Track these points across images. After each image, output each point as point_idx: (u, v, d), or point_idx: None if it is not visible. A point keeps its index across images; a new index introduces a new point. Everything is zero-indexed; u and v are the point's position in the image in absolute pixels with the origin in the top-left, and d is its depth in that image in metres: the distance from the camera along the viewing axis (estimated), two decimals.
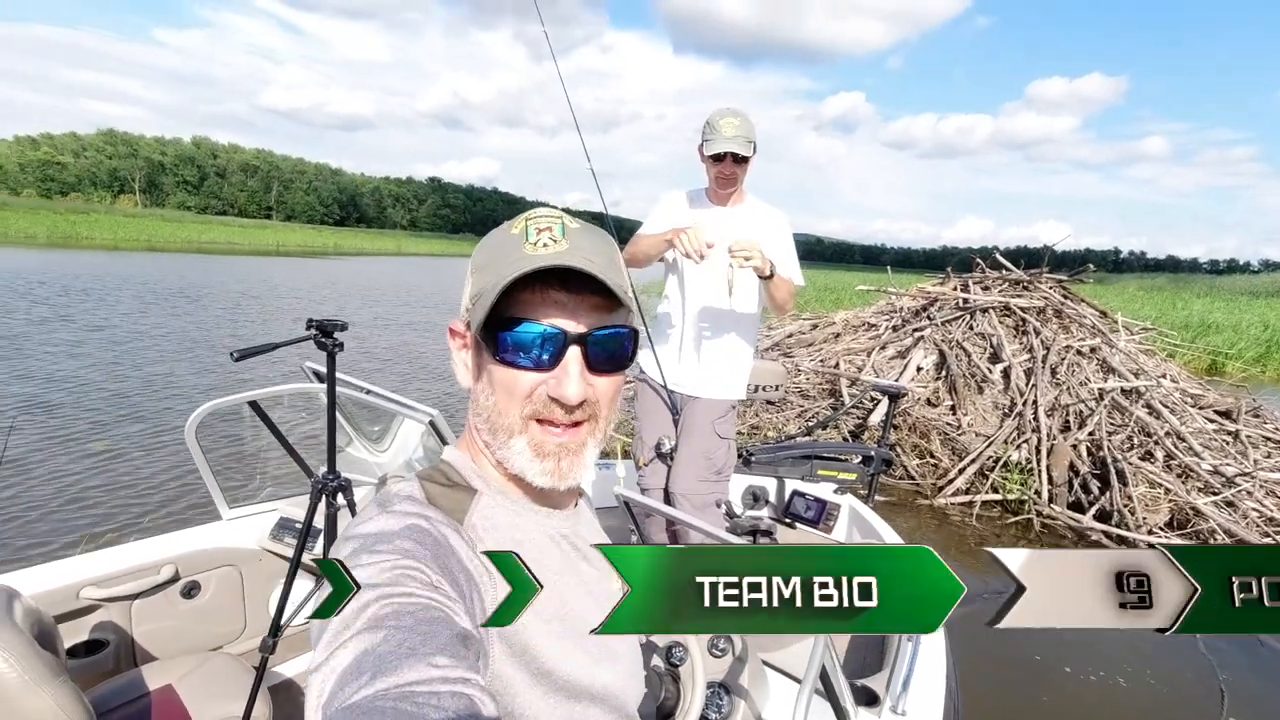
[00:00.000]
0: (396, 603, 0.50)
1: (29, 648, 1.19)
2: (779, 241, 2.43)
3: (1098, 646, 3.67)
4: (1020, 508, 5.32)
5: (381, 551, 0.56)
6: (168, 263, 26.28)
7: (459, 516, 0.67)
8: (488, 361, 0.67)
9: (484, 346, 0.67)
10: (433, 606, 0.52)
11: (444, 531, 0.63)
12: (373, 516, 0.62)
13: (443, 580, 0.56)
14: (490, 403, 0.68)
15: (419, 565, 0.55)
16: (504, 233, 0.69)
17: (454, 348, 0.72)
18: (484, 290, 0.65)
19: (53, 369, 7.82)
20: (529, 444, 0.67)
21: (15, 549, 3.82)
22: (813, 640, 1.20)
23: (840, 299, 16.79)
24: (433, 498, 0.67)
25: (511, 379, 0.66)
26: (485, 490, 0.70)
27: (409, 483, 0.69)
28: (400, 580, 0.53)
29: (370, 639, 0.47)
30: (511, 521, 0.70)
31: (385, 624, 0.48)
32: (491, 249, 0.68)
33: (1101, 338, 6.76)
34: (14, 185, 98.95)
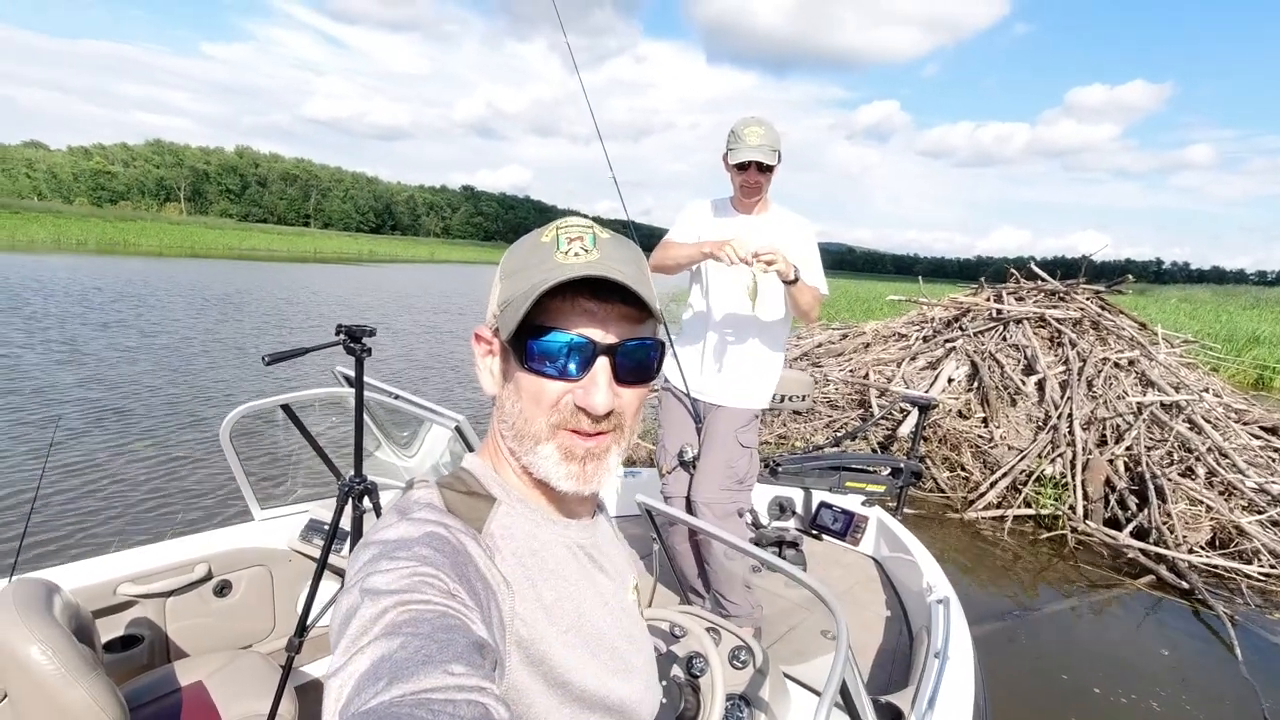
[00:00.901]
0: (414, 609, 0.51)
1: (67, 641, 1.23)
2: (804, 250, 2.43)
3: (1133, 667, 3.57)
4: (1054, 523, 5.20)
5: (400, 558, 0.56)
6: (211, 269, 27.01)
7: (477, 525, 0.66)
8: (515, 369, 0.67)
9: (512, 353, 0.67)
10: (450, 614, 0.52)
11: (462, 539, 0.63)
12: (392, 523, 0.62)
13: (460, 588, 0.57)
14: (517, 410, 0.68)
15: (437, 573, 0.56)
16: (534, 240, 0.68)
17: (479, 353, 0.72)
18: (513, 297, 0.65)
19: (106, 371, 8.11)
20: (557, 449, 0.67)
21: (58, 544, 3.95)
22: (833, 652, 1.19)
23: (871, 309, 16.61)
24: (452, 505, 0.67)
25: (539, 387, 0.66)
26: (505, 499, 0.70)
27: (429, 490, 0.69)
28: (418, 587, 0.53)
29: (387, 645, 0.48)
30: (530, 531, 0.69)
31: (402, 630, 0.49)
32: (521, 256, 0.67)
33: (1140, 350, 6.59)
34: (67, 194, 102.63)
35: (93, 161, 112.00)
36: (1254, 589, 4.43)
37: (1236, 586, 4.44)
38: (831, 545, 3.45)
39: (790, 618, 2.80)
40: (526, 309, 0.62)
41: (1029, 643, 3.75)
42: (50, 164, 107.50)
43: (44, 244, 34.41)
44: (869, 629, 2.73)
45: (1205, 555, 4.68)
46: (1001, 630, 3.87)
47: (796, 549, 3.26)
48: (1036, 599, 4.31)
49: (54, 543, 3.97)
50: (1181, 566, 4.49)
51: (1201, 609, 4.18)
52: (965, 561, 4.73)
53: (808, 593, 1.30)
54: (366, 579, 0.54)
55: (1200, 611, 4.17)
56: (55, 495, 4.55)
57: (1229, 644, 3.80)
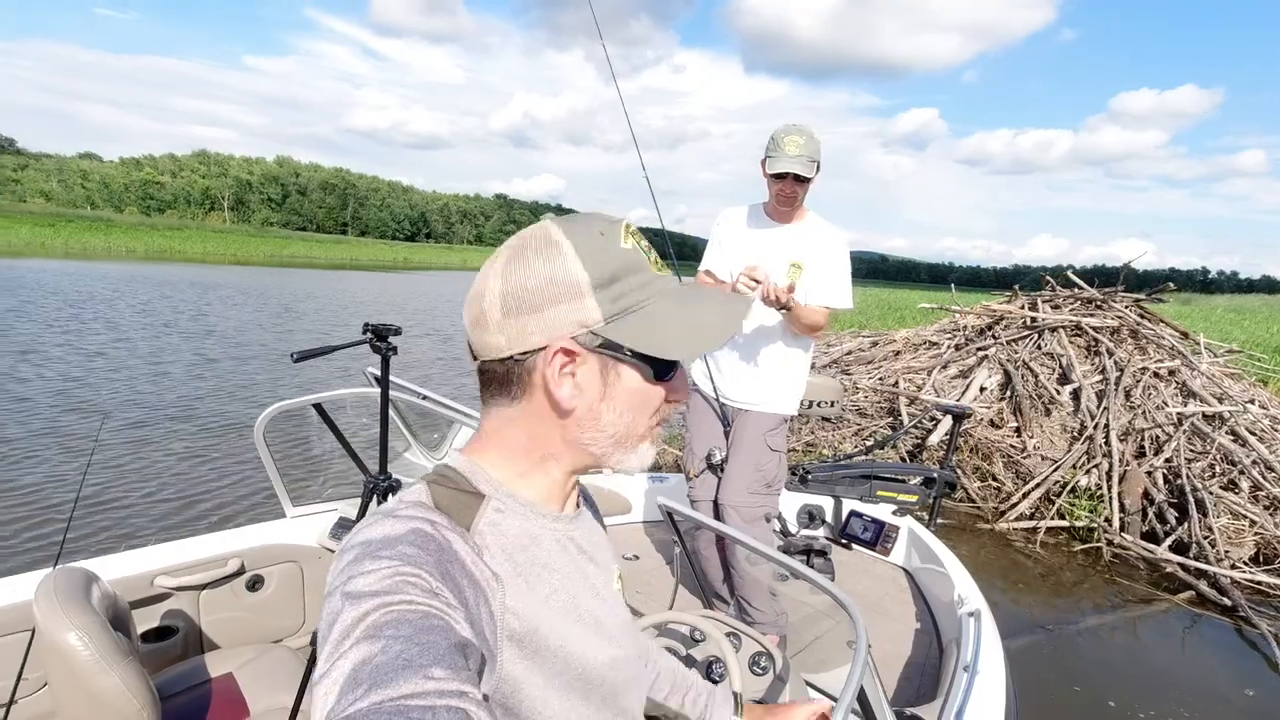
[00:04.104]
0: (396, 611, 0.51)
1: (103, 630, 1.28)
2: (833, 261, 2.42)
3: (1172, 685, 3.46)
4: (1089, 535, 5.08)
5: (383, 557, 0.56)
6: (253, 275, 27.74)
7: (466, 521, 0.66)
8: (624, 380, 0.68)
9: (636, 365, 0.67)
10: (432, 614, 0.52)
11: (448, 536, 0.62)
12: (377, 521, 0.62)
13: (444, 586, 0.56)
14: (622, 418, 0.69)
15: (419, 572, 0.55)
16: (610, 244, 0.66)
17: (555, 367, 0.66)
18: (635, 309, 0.66)
19: (152, 371, 8.39)
20: (651, 442, 0.74)
21: (101, 536, 4.09)
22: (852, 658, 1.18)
23: (904, 317, 16.38)
24: (440, 502, 0.66)
25: (653, 394, 0.70)
26: (493, 494, 0.69)
27: (417, 487, 0.68)
28: (400, 588, 0.53)
29: (368, 649, 0.47)
30: (520, 525, 0.70)
31: (384, 633, 0.49)
32: (615, 262, 0.66)
33: (1181, 360, 6.41)
34: (119, 203, 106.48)
35: (143, 172, 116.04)
36: None
37: None
38: (861, 555, 3.41)
39: (816, 626, 2.78)
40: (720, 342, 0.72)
41: (1063, 658, 3.66)
42: (103, 175, 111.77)
43: (97, 251, 35.74)
44: (898, 640, 2.69)
45: (1248, 571, 4.52)
46: (1034, 644, 3.78)
47: (825, 557, 3.22)
48: (1070, 613, 4.21)
49: (97, 534, 4.11)
50: (1223, 582, 4.34)
51: (1244, 626, 4.04)
52: (996, 573, 4.64)
53: (847, 597, 1.30)
54: (348, 582, 0.54)
55: (1243, 629, 4.04)
56: (99, 489, 4.71)
57: (1274, 663, 3.68)
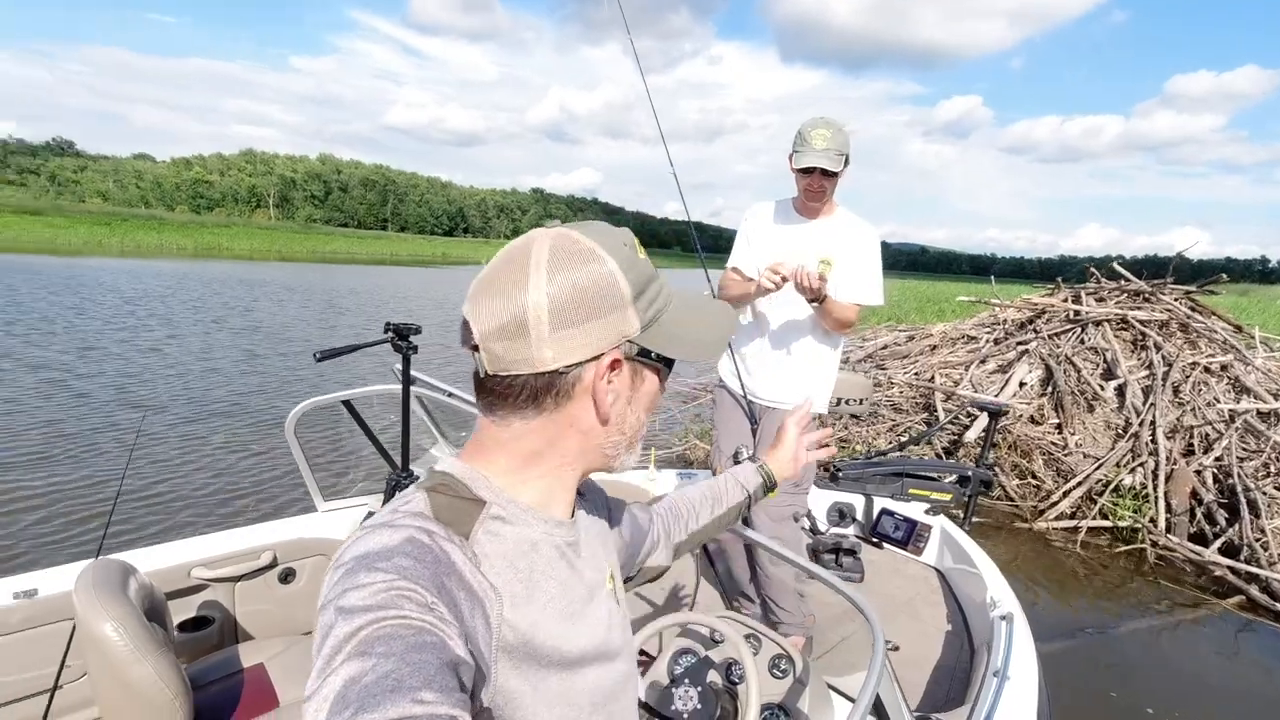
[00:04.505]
0: (389, 626, 0.50)
1: (138, 621, 1.33)
2: (863, 257, 2.38)
3: (1220, 694, 3.35)
4: (1133, 536, 4.92)
5: (378, 570, 0.55)
6: (299, 272, 28.44)
7: (464, 530, 0.65)
8: (646, 384, 0.73)
9: (649, 369, 0.72)
10: (426, 630, 0.51)
11: (445, 547, 0.62)
12: (373, 532, 0.61)
13: (438, 601, 0.55)
14: (640, 420, 0.73)
15: (414, 586, 0.55)
16: (629, 254, 0.69)
17: (604, 380, 0.67)
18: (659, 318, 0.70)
19: (196, 365, 8.68)
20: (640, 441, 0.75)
21: (140, 528, 4.27)
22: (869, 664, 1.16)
23: (942, 311, 16.04)
24: (438, 511, 0.66)
25: (658, 393, 0.74)
26: (493, 501, 0.69)
27: (415, 495, 0.68)
28: (394, 602, 0.52)
29: (359, 666, 0.47)
30: (519, 533, 0.69)
31: (374, 651, 0.48)
32: (638, 274, 0.68)
33: (1234, 354, 6.16)
34: (170, 202, 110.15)
35: (193, 171, 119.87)
36: None
37: None
38: (892, 554, 3.35)
39: (842, 627, 2.75)
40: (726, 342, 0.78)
41: (1102, 663, 3.56)
42: (156, 175, 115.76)
43: (150, 249, 37.02)
44: (928, 642, 2.64)
45: None
46: (1072, 649, 3.68)
47: (855, 557, 3.18)
48: (1111, 617, 4.09)
49: (141, 526, 4.29)
50: (1276, 587, 4.17)
51: None
52: (1034, 574, 4.53)
53: (865, 600, 1.28)
54: (342, 596, 0.54)
55: None
56: (145, 482, 4.92)
57: None
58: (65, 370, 7.98)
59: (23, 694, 1.70)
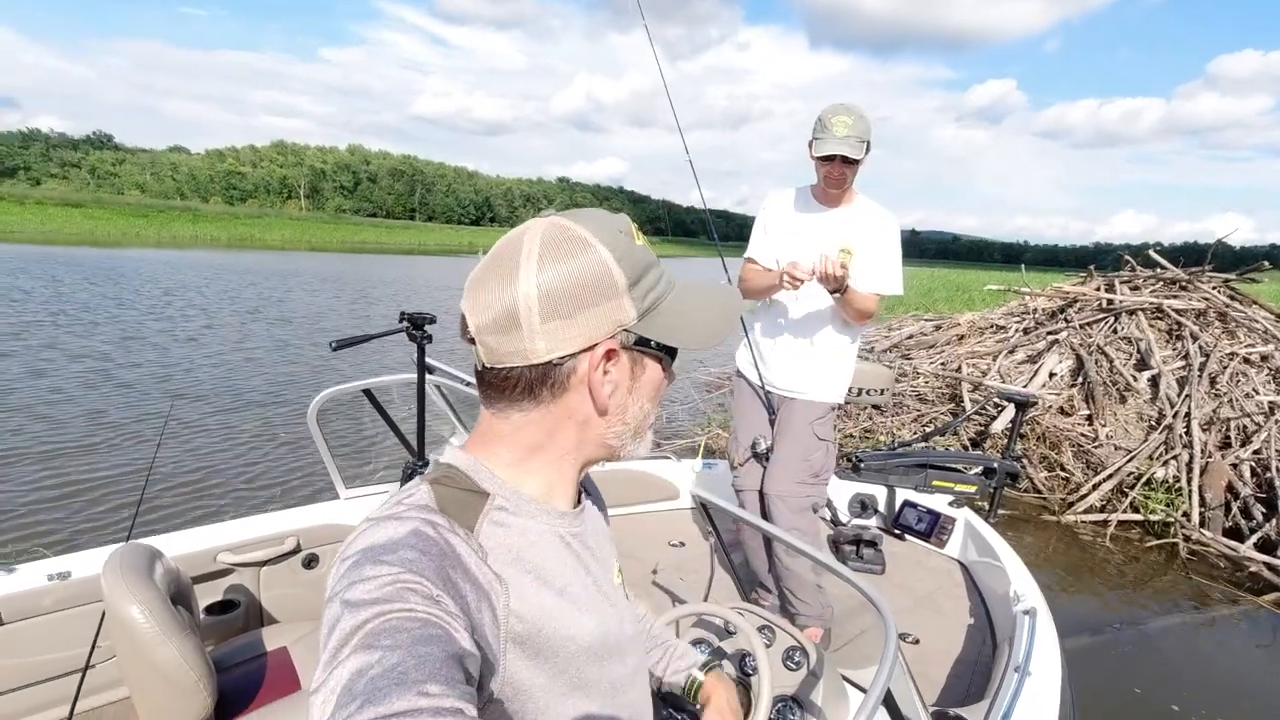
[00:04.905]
0: (394, 619, 0.50)
1: (163, 604, 1.38)
2: (883, 246, 2.35)
3: (1257, 695, 3.27)
4: (1164, 530, 4.82)
5: (384, 563, 0.55)
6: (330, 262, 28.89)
7: (469, 523, 0.65)
8: (647, 373, 0.71)
9: (650, 358, 0.71)
10: (432, 622, 0.52)
11: (450, 539, 0.62)
12: (378, 524, 0.61)
13: (444, 593, 0.56)
14: (642, 409, 0.72)
15: (419, 578, 0.55)
16: (629, 240, 0.68)
17: (599, 371, 0.67)
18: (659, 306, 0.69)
19: (229, 355, 8.89)
20: (650, 428, 0.75)
21: (172, 514, 4.38)
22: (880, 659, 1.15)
23: (971, 299, 15.77)
24: (443, 503, 0.66)
25: (661, 381, 0.73)
26: (497, 493, 0.69)
27: (419, 488, 0.68)
28: (400, 595, 0.53)
29: (365, 659, 0.47)
30: (523, 525, 0.69)
31: (380, 643, 0.48)
32: (639, 259, 0.68)
33: (1276, 344, 5.97)
34: (204, 193, 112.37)
35: (226, 163, 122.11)
36: None
37: None
38: (914, 546, 3.32)
39: (861, 619, 2.73)
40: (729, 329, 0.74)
41: (1129, 659, 3.50)
42: (191, 167, 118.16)
43: (186, 240, 37.90)
44: (949, 636, 2.62)
45: None
46: (1099, 645, 3.62)
47: (876, 548, 3.17)
48: (1141, 612, 4.01)
49: (169, 511, 4.42)
50: None
51: None
52: (1062, 568, 4.46)
53: (877, 593, 1.28)
54: (348, 589, 0.54)
55: None
56: (173, 469, 5.05)
57: None
58: (107, 360, 8.21)
59: (56, 673, 1.77)
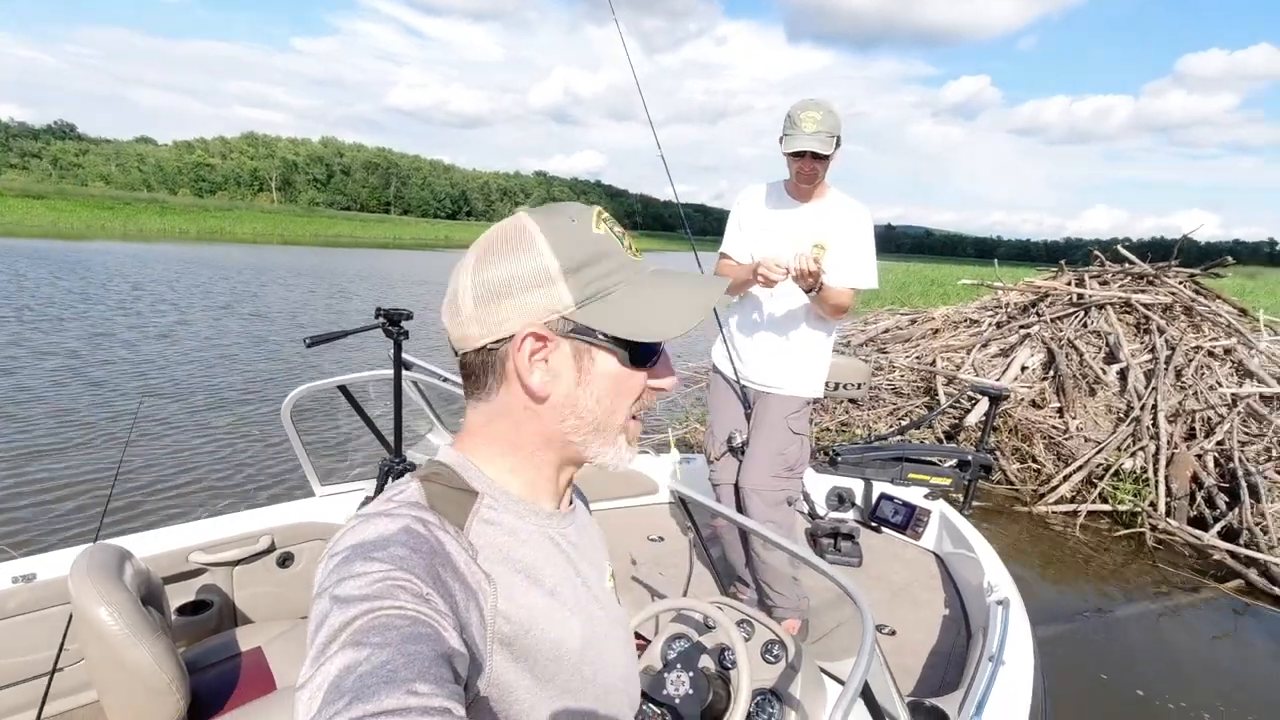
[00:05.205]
0: (383, 616, 0.50)
1: (133, 605, 1.35)
2: (857, 239, 2.36)
3: (1217, 679, 3.37)
4: (1132, 520, 4.93)
5: (374, 559, 0.55)
6: (304, 256, 28.42)
7: (459, 520, 0.65)
8: (598, 365, 0.67)
9: (612, 349, 0.66)
10: (421, 620, 0.51)
11: (440, 537, 0.61)
12: (368, 520, 0.61)
13: (434, 591, 0.55)
14: (599, 405, 0.68)
15: (409, 576, 0.55)
16: (581, 229, 0.66)
17: (525, 353, 0.65)
18: (606, 293, 0.65)
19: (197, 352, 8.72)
20: (626, 435, 0.70)
21: (135, 515, 4.28)
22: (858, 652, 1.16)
23: (945, 294, 15.98)
24: (433, 500, 0.66)
25: (631, 380, 0.68)
26: (486, 492, 0.69)
27: (409, 485, 0.67)
28: (390, 592, 0.52)
29: (353, 656, 0.47)
30: (513, 525, 0.69)
31: (369, 641, 0.48)
32: (588, 249, 0.66)
33: (1238, 337, 6.13)
34: (172, 186, 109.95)
35: (194, 155, 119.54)
36: None
37: None
38: (891, 539, 3.36)
39: (839, 612, 2.76)
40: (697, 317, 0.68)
41: (1100, 648, 3.58)
42: (158, 158, 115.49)
43: (154, 233, 37.03)
44: (925, 627, 2.66)
45: None
46: (1070, 633, 3.70)
47: (853, 541, 3.21)
48: (1109, 600, 4.10)
49: (135, 512, 4.32)
50: (1275, 571, 4.18)
51: None
52: (1033, 558, 4.55)
53: (854, 585, 1.29)
54: (337, 585, 0.53)
55: None
56: (137, 468, 4.94)
57: None
58: (76, 357, 8.01)
59: (22, 677, 1.72)
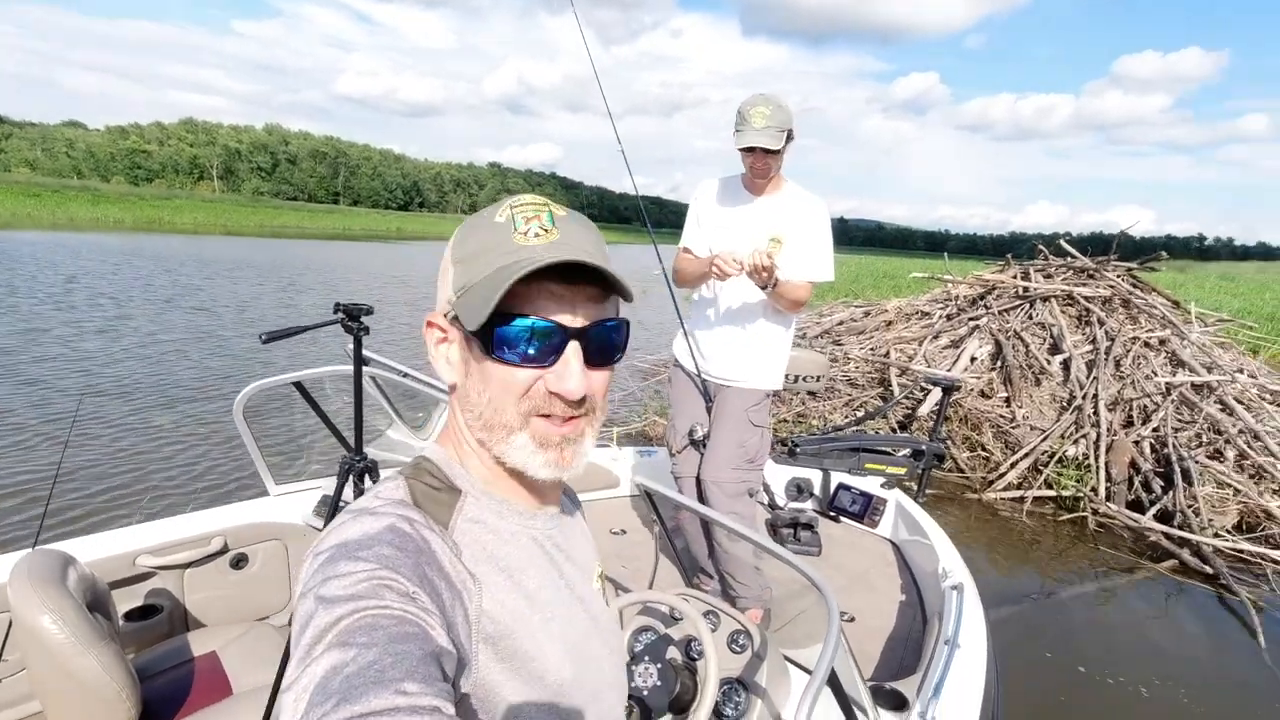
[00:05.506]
0: (370, 616, 0.49)
1: (78, 612, 1.29)
2: (813, 233, 2.38)
3: (1153, 653, 3.53)
4: (1075, 505, 5.13)
5: (359, 558, 0.54)
6: (249, 247, 27.44)
7: (444, 519, 0.65)
8: (479, 357, 0.64)
9: (476, 342, 0.64)
10: (408, 619, 0.51)
11: (425, 535, 0.61)
12: (353, 519, 0.60)
13: (420, 590, 0.55)
14: (485, 400, 0.65)
15: (395, 575, 0.54)
16: (487, 220, 0.65)
17: (431, 341, 0.68)
18: (472, 283, 0.62)
19: (136, 348, 8.35)
20: (531, 438, 0.65)
21: (81, 516, 4.10)
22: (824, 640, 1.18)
23: (898, 286, 16.36)
24: (418, 499, 0.65)
25: (509, 376, 0.63)
26: (470, 490, 0.68)
27: (394, 483, 0.67)
28: (376, 592, 0.52)
29: (340, 656, 0.46)
30: (497, 524, 0.68)
31: (356, 641, 0.47)
32: (477, 239, 0.64)
33: (1172, 329, 6.42)
34: (105, 172, 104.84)
35: (129, 141, 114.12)
36: None
37: (1263, 572, 4.35)
38: (849, 528, 3.43)
39: (801, 601, 2.79)
40: (500, 298, 0.59)
41: (1044, 626, 3.72)
42: (89, 144, 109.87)
43: (85, 222, 35.29)
44: (883, 613, 2.72)
45: (1231, 540, 4.58)
46: (1018, 615, 3.84)
47: (812, 531, 3.26)
48: (1055, 583, 4.27)
49: (77, 514, 4.12)
50: (1206, 551, 4.40)
51: (1226, 595, 4.11)
52: (983, 543, 4.70)
53: (820, 576, 1.31)
54: (323, 584, 0.52)
55: (1224, 597, 4.11)
56: (78, 469, 4.71)
57: (1253, 630, 3.74)
58: (6, 354, 7.58)
59: None
